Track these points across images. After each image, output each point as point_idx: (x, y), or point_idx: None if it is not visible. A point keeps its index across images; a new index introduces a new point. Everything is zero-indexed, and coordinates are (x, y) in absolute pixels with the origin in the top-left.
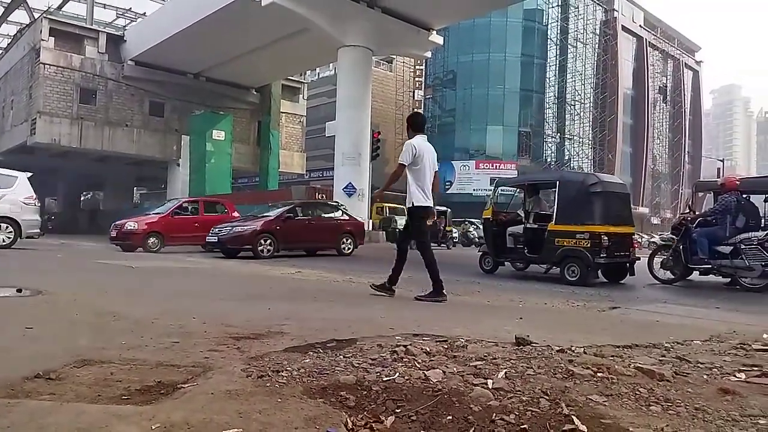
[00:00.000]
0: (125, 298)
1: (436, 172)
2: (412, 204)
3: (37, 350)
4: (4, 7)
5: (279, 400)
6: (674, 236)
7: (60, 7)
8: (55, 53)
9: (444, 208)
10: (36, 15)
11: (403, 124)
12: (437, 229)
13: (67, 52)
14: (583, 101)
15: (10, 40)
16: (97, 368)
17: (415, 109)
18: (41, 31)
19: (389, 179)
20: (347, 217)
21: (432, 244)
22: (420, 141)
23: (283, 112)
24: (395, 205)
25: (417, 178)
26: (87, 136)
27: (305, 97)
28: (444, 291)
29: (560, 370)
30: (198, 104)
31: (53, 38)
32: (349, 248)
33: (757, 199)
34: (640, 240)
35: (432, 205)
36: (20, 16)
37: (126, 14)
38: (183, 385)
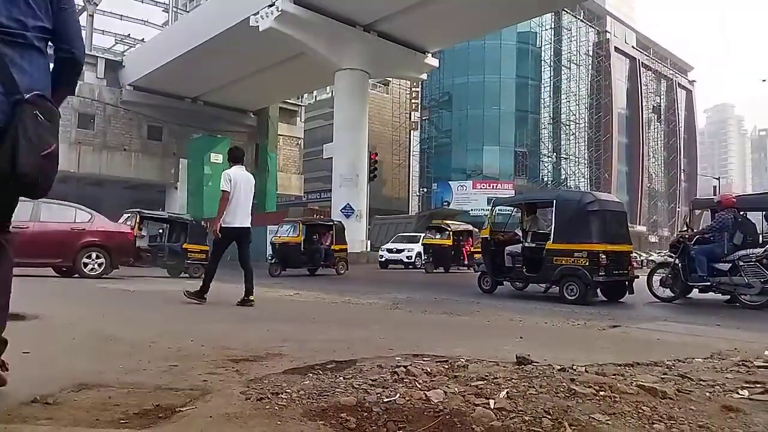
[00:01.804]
0: (123, 321)
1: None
2: (221, 225)
3: (35, 375)
4: None
5: (279, 422)
6: (672, 254)
7: None
8: None
9: (333, 222)
10: None
11: (401, 146)
12: (317, 248)
13: None
14: (578, 121)
15: None
16: (95, 392)
17: (412, 131)
18: None
19: (220, 207)
20: (103, 227)
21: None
22: (236, 171)
23: (280, 135)
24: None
25: (231, 203)
26: (85, 161)
27: (302, 120)
28: (205, 296)
29: (562, 389)
30: (196, 128)
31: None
32: (97, 268)
33: (754, 216)
34: (639, 258)
35: (246, 226)
36: None
37: (124, 40)
38: (182, 409)
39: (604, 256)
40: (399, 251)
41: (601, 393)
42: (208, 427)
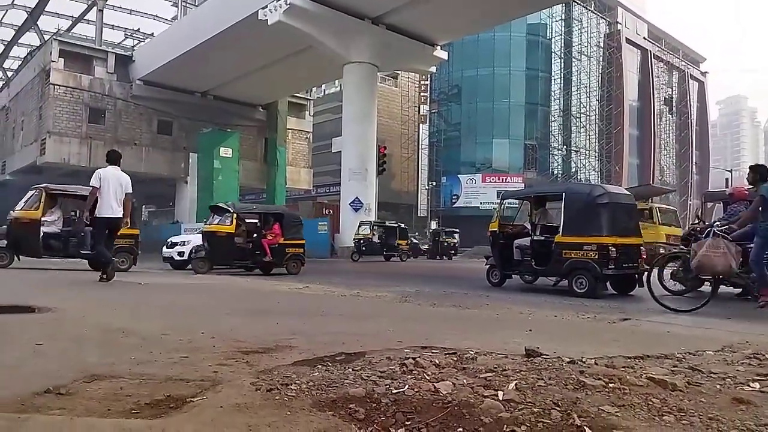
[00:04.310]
0: (134, 314)
1: (127, 194)
2: (95, 215)
3: (47, 366)
4: (15, 30)
5: (288, 413)
6: (684, 247)
7: (69, 29)
8: (64, 74)
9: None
10: (46, 37)
11: (410, 139)
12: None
13: (77, 72)
14: (588, 113)
15: (20, 62)
16: (106, 383)
17: (421, 124)
18: (51, 53)
19: (88, 201)
20: None
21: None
22: (107, 170)
23: (289, 129)
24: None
25: (101, 197)
26: (96, 155)
27: (311, 114)
28: (105, 275)
29: (571, 381)
30: (206, 122)
31: (63, 59)
32: None
33: None
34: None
35: (115, 217)
36: (31, 38)
37: (134, 35)
38: (192, 399)
39: (613, 249)
40: (174, 245)
41: (611, 385)
42: (219, 417)
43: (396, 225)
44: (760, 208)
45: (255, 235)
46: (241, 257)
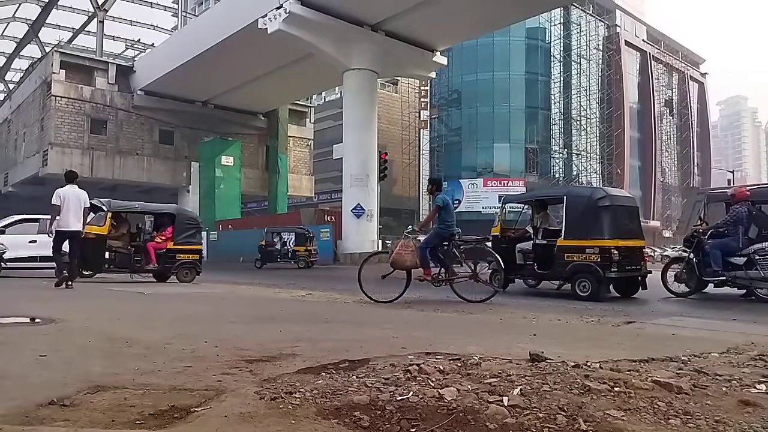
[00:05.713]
0: (137, 324)
1: (85, 208)
2: (57, 229)
3: (51, 377)
4: (16, 42)
5: (293, 421)
6: (687, 249)
7: (70, 41)
8: (66, 85)
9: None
10: (47, 49)
11: (411, 145)
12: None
13: (78, 84)
14: (588, 116)
15: (22, 74)
16: (110, 394)
17: (421, 129)
18: (52, 65)
19: (51, 217)
20: None
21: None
22: (66, 189)
23: (290, 136)
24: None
25: (61, 213)
26: (98, 166)
27: (312, 121)
28: (68, 282)
29: (576, 386)
30: (207, 131)
31: (64, 71)
32: None
33: None
34: (652, 254)
35: (74, 229)
36: (32, 50)
37: (135, 45)
38: (196, 409)
39: (615, 252)
40: None
41: (616, 389)
42: (223, 427)
43: (300, 230)
44: (437, 215)
45: (138, 238)
46: (119, 263)
